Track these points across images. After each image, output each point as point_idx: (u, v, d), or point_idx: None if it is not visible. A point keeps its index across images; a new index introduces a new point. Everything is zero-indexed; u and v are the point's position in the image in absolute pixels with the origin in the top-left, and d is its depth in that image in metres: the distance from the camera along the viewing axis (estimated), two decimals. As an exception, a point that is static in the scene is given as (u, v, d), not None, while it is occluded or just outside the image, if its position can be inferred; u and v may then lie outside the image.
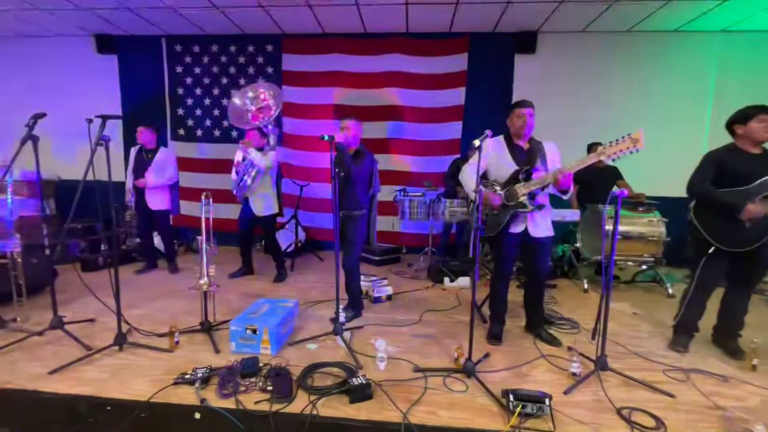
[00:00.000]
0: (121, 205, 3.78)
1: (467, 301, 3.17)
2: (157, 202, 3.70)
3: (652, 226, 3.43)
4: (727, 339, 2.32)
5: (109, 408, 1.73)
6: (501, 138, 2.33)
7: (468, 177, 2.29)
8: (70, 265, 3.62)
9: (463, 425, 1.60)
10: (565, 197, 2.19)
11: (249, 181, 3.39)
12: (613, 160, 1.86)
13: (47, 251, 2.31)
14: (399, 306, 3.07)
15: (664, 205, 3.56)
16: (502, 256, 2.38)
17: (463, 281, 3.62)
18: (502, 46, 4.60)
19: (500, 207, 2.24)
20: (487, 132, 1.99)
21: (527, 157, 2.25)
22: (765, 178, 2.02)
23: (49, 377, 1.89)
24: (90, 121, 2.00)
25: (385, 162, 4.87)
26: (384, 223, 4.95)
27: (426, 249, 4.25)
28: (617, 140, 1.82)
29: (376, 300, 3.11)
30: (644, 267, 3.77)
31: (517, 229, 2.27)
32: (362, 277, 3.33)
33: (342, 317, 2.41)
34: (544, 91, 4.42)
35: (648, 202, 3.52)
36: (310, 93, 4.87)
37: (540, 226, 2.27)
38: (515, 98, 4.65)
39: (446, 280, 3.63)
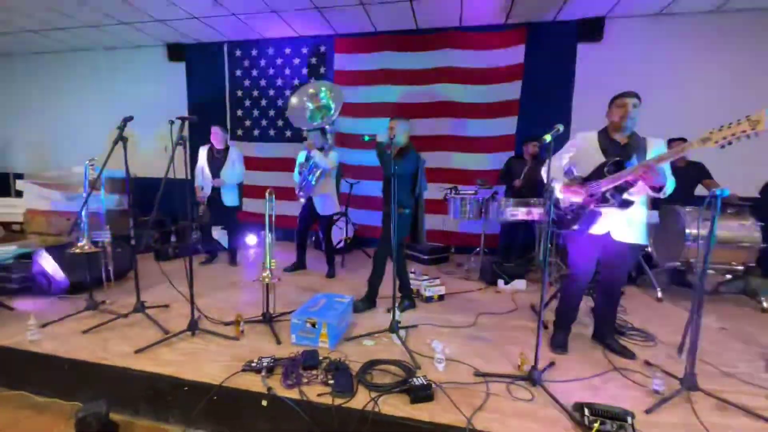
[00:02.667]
0: (193, 201, 4.08)
1: (524, 305, 3.04)
2: (230, 198, 3.94)
3: (744, 230, 3.03)
4: None
5: (186, 388, 1.87)
6: (595, 132, 2.15)
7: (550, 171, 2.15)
8: (144, 254, 3.99)
9: (532, 437, 1.52)
10: (658, 195, 1.94)
11: (313, 182, 3.49)
12: (723, 147, 1.62)
13: (132, 242, 2.53)
14: (452, 307, 3.00)
15: (762, 208, 3.13)
16: (579, 258, 2.18)
17: (519, 284, 3.46)
18: (564, 35, 4.31)
19: (577, 203, 2.07)
20: (558, 126, 1.86)
21: (622, 152, 2.02)
22: None
23: (135, 356, 2.08)
24: (172, 122, 2.16)
25: (437, 159, 4.80)
26: (433, 221, 4.88)
27: (477, 249, 4.12)
28: (730, 123, 1.57)
29: (429, 299, 3.07)
30: (728, 276, 3.35)
31: (597, 229, 2.07)
32: (413, 276, 3.32)
33: (397, 315, 2.40)
34: (611, 82, 4.00)
35: (740, 204, 3.11)
36: (361, 91, 4.92)
37: (625, 228, 2.04)
38: (577, 90, 4.37)
39: (500, 282, 3.49)
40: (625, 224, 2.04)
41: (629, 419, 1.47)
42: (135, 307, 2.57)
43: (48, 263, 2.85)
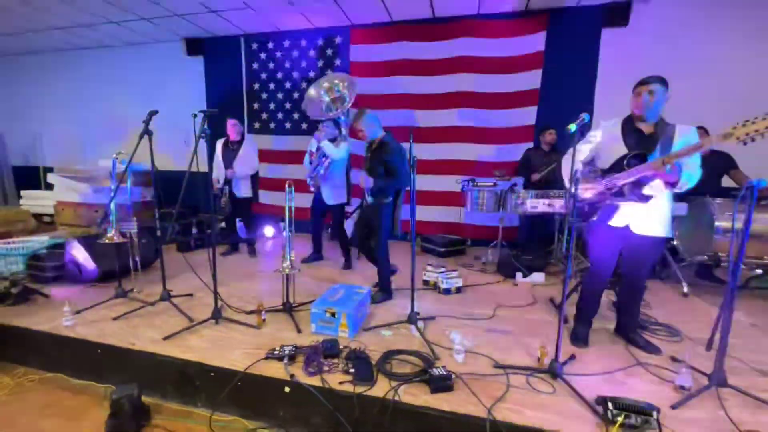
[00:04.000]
0: (213, 193, 4.16)
1: (543, 298, 3.00)
2: (242, 190, 4.01)
3: (777, 223, 2.89)
4: None
5: (212, 374, 1.94)
6: (619, 120, 2.08)
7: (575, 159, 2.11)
8: (169, 245, 4.11)
9: (554, 429, 1.51)
10: (673, 190, 1.89)
11: (321, 171, 3.51)
12: (745, 143, 1.55)
13: (158, 233, 2.61)
14: (470, 299, 2.99)
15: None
16: (599, 251, 2.14)
17: (538, 277, 3.42)
18: (587, 21, 4.16)
19: (595, 197, 2.03)
20: (583, 115, 1.81)
21: (646, 142, 1.95)
22: None
23: (164, 342, 2.17)
24: (195, 116, 2.20)
25: (455, 150, 4.75)
26: (449, 213, 4.85)
27: (495, 242, 4.08)
28: (755, 118, 1.49)
29: (446, 291, 3.07)
30: (758, 271, 3.22)
31: (617, 222, 2.02)
32: (430, 268, 3.32)
33: (416, 307, 2.41)
34: (637, 68, 3.82)
35: (773, 195, 2.97)
36: (378, 83, 4.88)
37: (646, 222, 1.98)
38: (601, 78, 4.23)
39: (518, 275, 3.45)
40: (647, 217, 1.98)
41: (655, 414, 1.45)
42: (161, 296, 2.66)
43: (79, 253, 2.97)
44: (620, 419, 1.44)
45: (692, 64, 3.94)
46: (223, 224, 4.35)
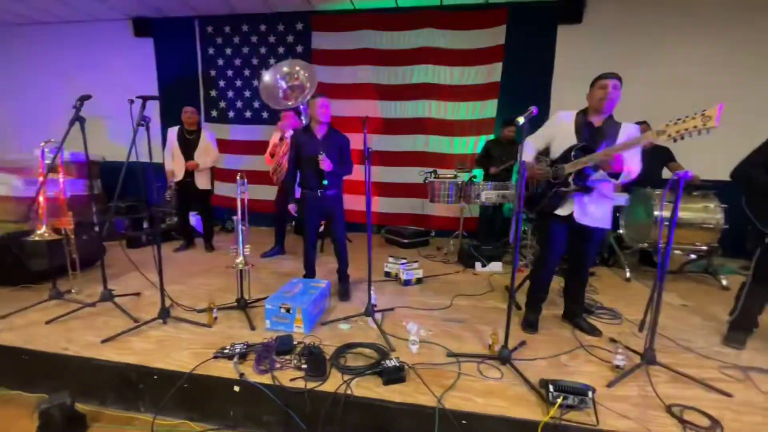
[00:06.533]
0: (162, 185, 3.92)
1: (500, 287, 3.10)
2: (203, 182, 3.82)
3: (707, 212, 3.15)
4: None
5: (156, 377, 1.83)
6: (574, 113, 2.14)
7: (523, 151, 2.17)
8: (116, 241, 3.85)
9: (499, 413, 1.56)
10: (616, 181, 2.00)
11: (286, 164, 3.40)
12: (675, 141, 1.66)
13: (96, 228, 2.42)
14: (429, 290, 3.03)
15: (727, 191, 3.23)
16: (546, 240, 2.24)
17: (495, 266, 3.52)
18: (544, 17, 4.27)
19: (544, 184, 2.11)
20: (532, 108, 1.85)
21: (595, 135, 2.03)
22: None
23: (102, 345, 2.02)
24: (131, 102, 2.04)
25: (416, 142, 4.76)
26: (413, 205, 4.88)
27: (456, 232, 4.15)
28: (685, 117, 1.60)
29: (407, 282, 3.09)
30: (692, 256, 3.50)
31: (562, 211, 2.12)
32: (391, 260, 3.33)
33: (374, 299, 2.40)
34: (591, 65, 3.98)
35: (704, 185, 3.21)
36: (340, 72, 4.78)
37: (589, 212, 2.09)
38: (557, 73, 4.37)
39: (477, 264, 3.54)
40: (590, 208, 2.09)
41: (590, 393, 1.53)
42: (102, 296, 2.48)
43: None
44: (559, 400, 1.51)
45: (643, 63, 4.15)
46: (174, 219, 4.10)
